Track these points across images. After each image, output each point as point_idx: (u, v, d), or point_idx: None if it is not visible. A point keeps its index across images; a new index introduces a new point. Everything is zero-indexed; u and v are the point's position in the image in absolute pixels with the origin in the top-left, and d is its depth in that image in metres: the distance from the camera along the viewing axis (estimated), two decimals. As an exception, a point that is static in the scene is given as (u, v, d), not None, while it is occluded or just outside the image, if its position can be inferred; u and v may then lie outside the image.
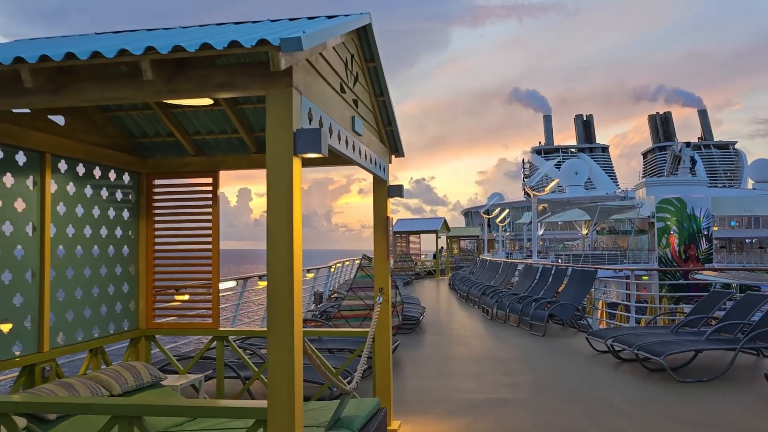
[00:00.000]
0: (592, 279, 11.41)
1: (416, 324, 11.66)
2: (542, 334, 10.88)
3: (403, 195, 5.51)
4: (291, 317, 2.84)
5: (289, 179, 2.87)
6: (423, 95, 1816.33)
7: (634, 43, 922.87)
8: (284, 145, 2.87)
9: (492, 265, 20.70)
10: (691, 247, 50.55)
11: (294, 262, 2.87)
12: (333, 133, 3.60)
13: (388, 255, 5.45)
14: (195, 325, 5.89)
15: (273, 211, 2.88)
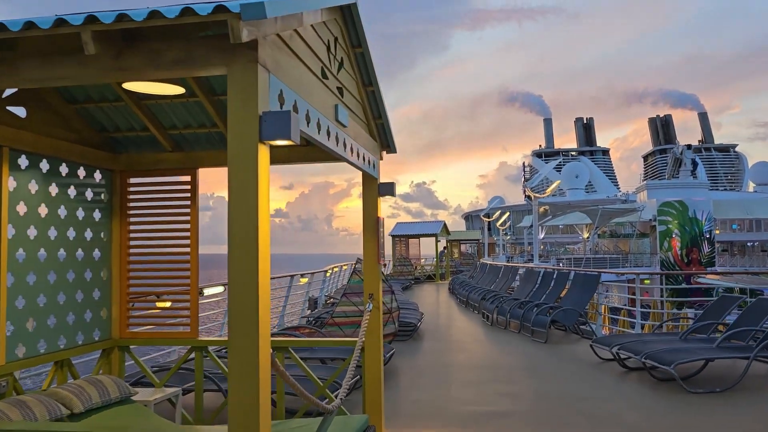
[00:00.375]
0: (596, 283, 11.01)
1: (414, 330, 11.26)
2: (544, 341, 10.47)
3: (395, 193, 5.12)
4: (255, 330, 2.45)
5: (253, 170, 2.48)
6: (423, 98, 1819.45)
7: (634, 46, 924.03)
8: (248, 130, 2.48)
9: (492, 269, 20.30)
10: (693, 250, 50.13)
11: (259, 267, 2.48)
12: (311, 121, 3.21)
13: (380, 258, 5.05)
14: (172, 334, 5.49)
15: (235, 206, 2.49)
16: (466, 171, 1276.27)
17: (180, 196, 5.37)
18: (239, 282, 2.46)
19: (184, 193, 5.37)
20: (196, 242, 5.33)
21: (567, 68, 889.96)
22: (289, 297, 13.67)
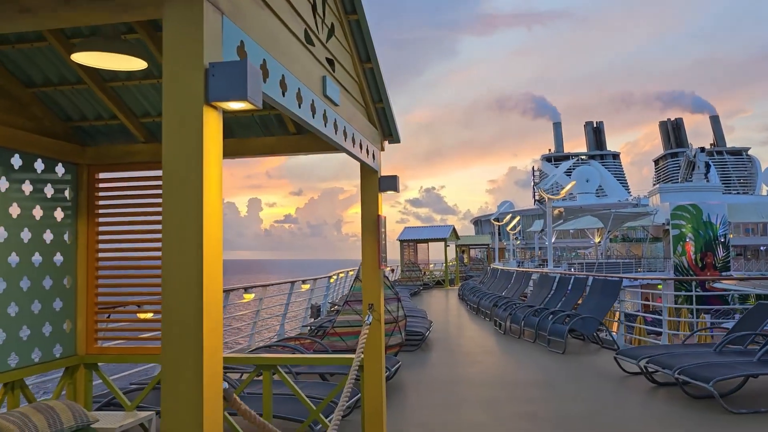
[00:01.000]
0: (617, 290, 10.28)
1: (422, 340, 10.57)
2: (562, 351, 9.75)
3: (398, 188, 4.46)
4: (198, 353, 1.79)
5: (194, 143, 1.82)
6: (432, 104, 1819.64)
7: (644, 50, 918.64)
8: (189, 86, 1.82)
9: (504, 274, 19.57)
10: (707, 254, 49.01)
11: (205, 271, 1.82)
12: (289, 90, 2.55)
13: (381, 263, 4.38)
14: (147, 350, 4.83)
15: (170, 193, 1.83)
16: (476, 176, 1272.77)
17: (157, 192, 4.73)
18: (176, 293, 1.80)
19: (158, 189, 4.73)
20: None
21: (577, 73, 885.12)
22: (292, 304, 13.04)
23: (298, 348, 7.29)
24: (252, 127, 4.67)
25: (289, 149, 4.58)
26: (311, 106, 2.86)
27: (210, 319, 1.83)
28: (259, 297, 9.81)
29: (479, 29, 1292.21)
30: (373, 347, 4.38)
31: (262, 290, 9.99)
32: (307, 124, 2.81)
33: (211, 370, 1.83)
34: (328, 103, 3.17)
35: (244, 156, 4.66)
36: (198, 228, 1.80)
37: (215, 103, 1.85)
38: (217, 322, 1.89)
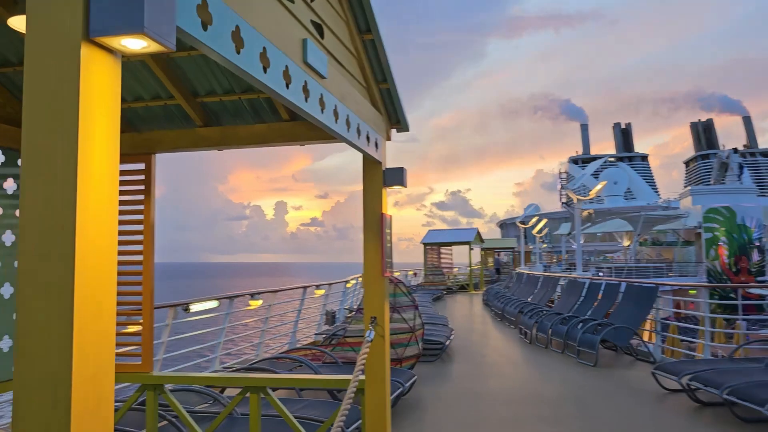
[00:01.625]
0: (654, 297, 9.49)
1: (441, 350, 9.91)
2: (593, 364, 9.02)
3: (405, 182, 3.84)
4: (66, 379, 1.20)
5: (71, 94, 1.22)
6: (459, 107, 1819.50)
7: (674, 51, 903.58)
8: (59, 17, 1.24)
9: (530, 279, 18.78)
10: (741, 259, 47.46)
11: (79, 282, 1.22)
12: (249, 46, 1.94)
13: (384, 269, 3.76)
14: (117, 367, 4.28)
15: (31, 175, 1.24)
16: (502, 179, 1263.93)
17: (131, 188, 4.19)
18: (35, 297, 1.22)
19: (136, 185, 4.19)
20: (151, 247, 4.13)
21: (605, 75, 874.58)
22: (308, 310, 12.49)
23: (303, 360, 6.70)
24: (241, 113, 4.09)
25: (281, 138, 3.99)
26: (285, 73, 2.26)
27: (97, 330, 1.25)
28: (267, 304, 9.25)
29: (507, 32, 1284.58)
30: (376, 367, 3.76)
31: (272, 296, 9.43)
32: (279, 95, 2.21)
33: (97, 399, 1.24)
34: (311, 73, 2.56)
35: (232, 146, 4.08)
36: (69, 218, 1.20)
37: (99, 39, 1.26)
38: (107, 334, 1.30)
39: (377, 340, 3.70)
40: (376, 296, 3.75)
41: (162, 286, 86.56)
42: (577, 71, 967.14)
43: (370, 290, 3.76)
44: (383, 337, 3.74)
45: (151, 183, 4.19)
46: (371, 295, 3.76)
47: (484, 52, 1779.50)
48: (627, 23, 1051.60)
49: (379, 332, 3.71)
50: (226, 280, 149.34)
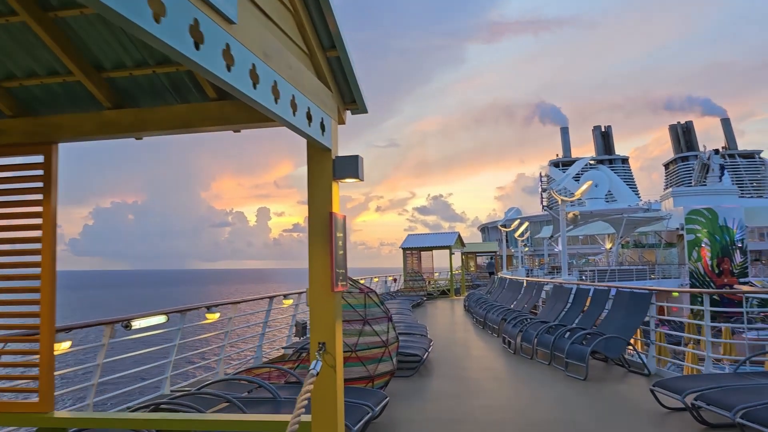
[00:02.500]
0: (647, 304, 8.80)
1: (419, 363, 9.15)
2: (583, 378, 8.31)
3: (360, 175, 3.08)
4: None
5: None
6: (440, 112, 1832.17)
7: (653, 55, 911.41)
8: None
9: (513, 284, 18.09)
10: (724, 260, 47.43)
11: None
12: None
13: (335, 282, 3.00)
14: (5, 406, 3.45)
15: None
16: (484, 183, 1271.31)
17: (25, 186, 3.39)
18: None
19: (32, 181, 3.39)
20: (50, 255, 3.33)
21: (584, 79, 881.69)
22: (280, 320, 11.68)
23: (261, 383, 5.91)
24: (159, 91, 3.31)
25: (208, 121, 3.21)
26: (161, 5, 1.49)
27: None
28: (228, 316, 8.42)
29: (486, 37, 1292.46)
30: (325, 405, 2.99)
31: (233, 308, 8.59)
32: (160, 42, 1.45)
33: None
34: (208, 11, 1.80)
35: (149, 132, 3.30)
36: None
37: None
38: None
39: (326, 372, 2.93)
40: (325, 317, 2.99)
41: (147, 294, 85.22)
42: (557, 75, 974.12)
43: (317, 309, 2.99)
44: (334, 368, 2.97)
45: (51, 178, 3.40)
46: (318, 315, 2.99)
47: (464, 57, 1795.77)
48: (605, 28, 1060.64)
49: (329, 362, 2.94)
50: (208, 287, 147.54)
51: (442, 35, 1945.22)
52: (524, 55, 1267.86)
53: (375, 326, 7.39)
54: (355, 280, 7.64)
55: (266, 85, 2.23)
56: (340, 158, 3.06)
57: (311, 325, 3.02)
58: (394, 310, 16.69)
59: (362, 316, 7.32)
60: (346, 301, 7.36)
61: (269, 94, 2.26)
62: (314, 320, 3.00)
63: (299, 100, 2.62)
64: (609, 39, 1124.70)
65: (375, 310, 7.52)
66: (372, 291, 7.72)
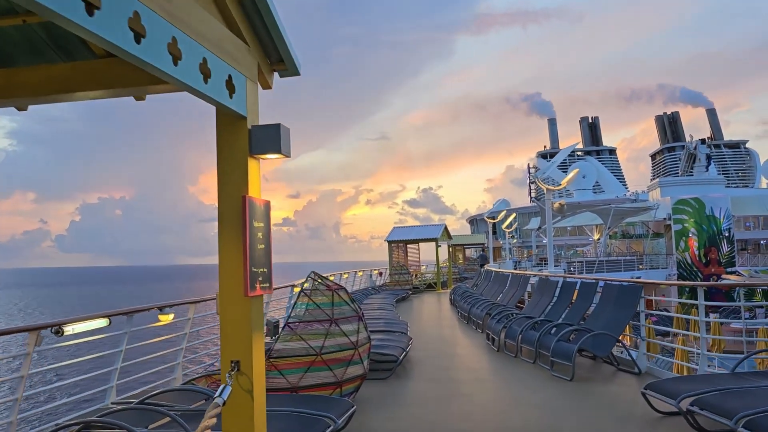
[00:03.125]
0: (638, 298, 8.24)
1: (396, 363, 8.55)
2: (570, 378, 7.75)
3: (284, 149, 2.45)
4: None
5: None
6: (429, 105, 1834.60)
7: (639, 46, 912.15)
8: None
9: (499, 277, 17.54)
10: (711, 250, 47.27)
11: None
12: None
13: (250, 285, 2.37)
14: None
15: None
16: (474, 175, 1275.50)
17: None
18: None
19: None
20: None
21: (572, 70, 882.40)
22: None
23: (209, 393, 5.28)
24: (37, 47, 2.66)
25: (94, 83, 2.57)
26: None
27: None
28: (187, 317, 7.76)
29: (474, 29, 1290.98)
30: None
31: (192, 307, 7.93)
32: None
33: None
34: None
35: (20, 97, 2.64)
36: None
37: None
38: None
39: (240, 398, 2.31)
40: (238, 328, 2.36)
41: (134, 290, 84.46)
42: (544, 67, 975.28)
43: (228, 319, 2.37)
44: (251, 393, 2.35)
45: None
46: (230, 327, 2.37)
47: (453, 50, 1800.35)
48: (592, 20, 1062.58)
49: (244, 385, 2.32)
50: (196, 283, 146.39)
51: (430, 28, 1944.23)
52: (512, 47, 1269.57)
53: (344, 326, 6.78)
54: (324, 277, 7.01)
55: (153, 33, 1.60)
56: (258, 128, 2.43)
57: (221, 339, 2.40)
58: (375, 306, 16.10)
59: (329, 315, 6.70)
60: (311, 300, 6.74)
61: (146, 42, 1.63)
62: (225, 333, 2.38)
63: (197, 52, 2.00)
64: (596, 30, 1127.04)
65: (344, 308, 6.90)
66: (341, 288, 7.10)
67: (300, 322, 6.58)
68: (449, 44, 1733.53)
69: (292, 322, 6.56)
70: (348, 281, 25.52)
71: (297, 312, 6.67)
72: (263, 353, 2.53)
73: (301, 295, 6.70)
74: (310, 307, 6.72)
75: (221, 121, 2.42)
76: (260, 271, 2.45)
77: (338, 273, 23.69)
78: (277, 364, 6.35)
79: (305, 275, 7.60)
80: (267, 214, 2.55)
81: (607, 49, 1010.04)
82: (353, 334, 6.83)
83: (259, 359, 2.43)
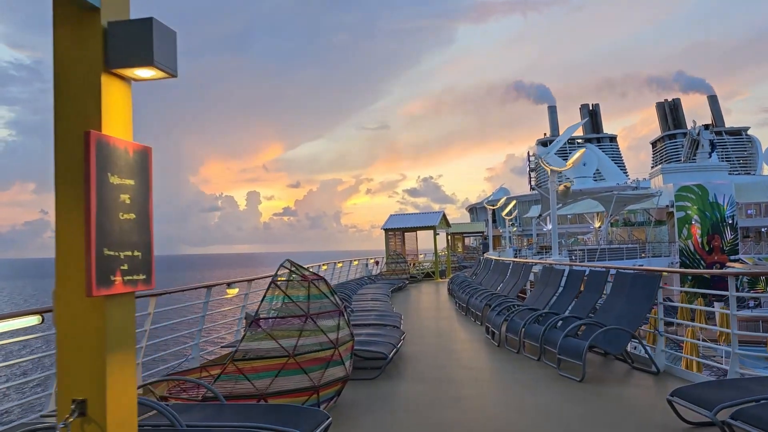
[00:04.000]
0: (655, 288, 7.35)
1: (386, 361, 7.68)
2: (579, 379, 6.87)
3: (161, 61, 1.54)
4: None
5: None
6: (429, 93, 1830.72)
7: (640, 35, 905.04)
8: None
9: (499, 266, 16.66)
10: (715, 237, 46.49)
11: None
12: None
13: (94, 277, 1.47)
14: None
15: None
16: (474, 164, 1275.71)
17: None
18: None
19: None
20: None
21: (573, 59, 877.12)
22: (231, 311, 10.20)
23: (155, 406, 4.40)
24: None
25: None
26: None
27: None
28: (147, 312, 6.88)
29: (475, 17, 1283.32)
30: None
31: (151, 301, 7.04)
32: None
33: None
34: None
35: None
36: None
37: None
38: None
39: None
40: (81, 347, 1.47)
41: None
42: (545, 56, 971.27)
43: (66, 331, 1.48)
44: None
45: None
46: (68, 343, 1.47)
47: (453, 38, 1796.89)
48: (593, 8, 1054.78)
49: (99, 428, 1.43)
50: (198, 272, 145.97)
51: (429, 16, 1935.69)
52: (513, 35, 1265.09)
53: (322, 322, 5.89)
54: (300, 266, 6.12)
55: None
56: (118, 26, 1.54)
57: (57, 364, 1.52)
58: (369, 297, 15.24)
59: (304, 310, 5.82)
60: (283, 293, 5.85)
61: None
62: (62, 355, 1.50)
63: None
64: (596, 19, 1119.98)
65: (323, 302, 6.02)
66: (320, 279, 6.21)
67: (270, 318, 5.69)
68: (449, 32, 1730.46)
69: (261, 318, 5.67)
70: (342, 270, 24.68)
71: (266, 306, 5.78)
72: (133, 386, 1.65)
73: (271, 287, 5.80)
74: (283, 300, 5.84)
75: (58, 15, 1.54)
76: (122, 255, 1.58)
77: (332, 262, 22.85)
78: (242, 368, 5.47)
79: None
80: (144, 167, 1.67)
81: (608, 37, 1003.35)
82: (333, 331, 5.94)
83: (123, 398, 1.56)
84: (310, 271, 6.34)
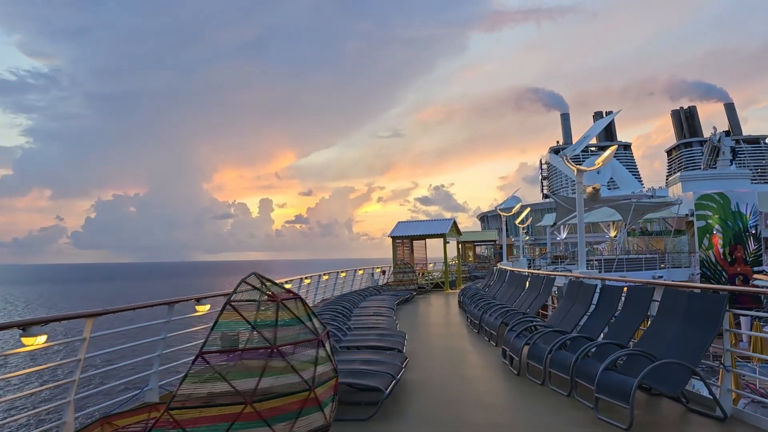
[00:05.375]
0: (721, 312, 5.89)
1: (384, 396, 6.25)
2: (627, 427, 5.41)
3: None
4: None
5: None
6: (442, 102, 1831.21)
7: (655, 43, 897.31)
8: None
9: (515, 278, 15.15)
10: (737, 248, 44.60)
11: None
12: None
13: None
14: None
15: None
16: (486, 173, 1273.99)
17: None
18: None
19: None
20: None
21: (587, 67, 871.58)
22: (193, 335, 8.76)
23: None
24: None
25: None
26: None
27: None
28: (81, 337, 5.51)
29: (488, 25, 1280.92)
30: None
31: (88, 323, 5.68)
32: None
33: None
34: None
35: None
36: None
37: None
38: None
39: None
40: None
41: (151, 285, 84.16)
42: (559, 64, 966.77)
43: None
44: None
45: None
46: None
47: (466, 46, 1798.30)
48: (607, 15, 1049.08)
49: None
50: (209, 279, 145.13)
51: (443, 24, 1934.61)
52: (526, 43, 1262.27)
53: (294, 357, 4.48)
54: (268, 280, 4.72)
55: None
56: None
57: None
58: (371, 311, 13.81)
59: (269, 340, 4.41)
60: (243, 317, 4.44)
61: None
62: None
63: None
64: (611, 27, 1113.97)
65: (295, 329, 4.61)
66: (295, 297, 4.79)
67: (221, 352, 4.29)
68: (462, 40, 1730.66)
69: (208, 352, 4.25)
70: (347, 280, 23.28)
71: (218, 336, 4.37)
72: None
73: (225, 307, 4.39)
74: (242, 328, 4.43)
75: None
76: None
77: (335, 271, 21.45)
78: (180, 419, 4.06)
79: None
80: None
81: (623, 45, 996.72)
82: (308, 368, 4.52)
83: None
84: (284, 287, 4.92)
